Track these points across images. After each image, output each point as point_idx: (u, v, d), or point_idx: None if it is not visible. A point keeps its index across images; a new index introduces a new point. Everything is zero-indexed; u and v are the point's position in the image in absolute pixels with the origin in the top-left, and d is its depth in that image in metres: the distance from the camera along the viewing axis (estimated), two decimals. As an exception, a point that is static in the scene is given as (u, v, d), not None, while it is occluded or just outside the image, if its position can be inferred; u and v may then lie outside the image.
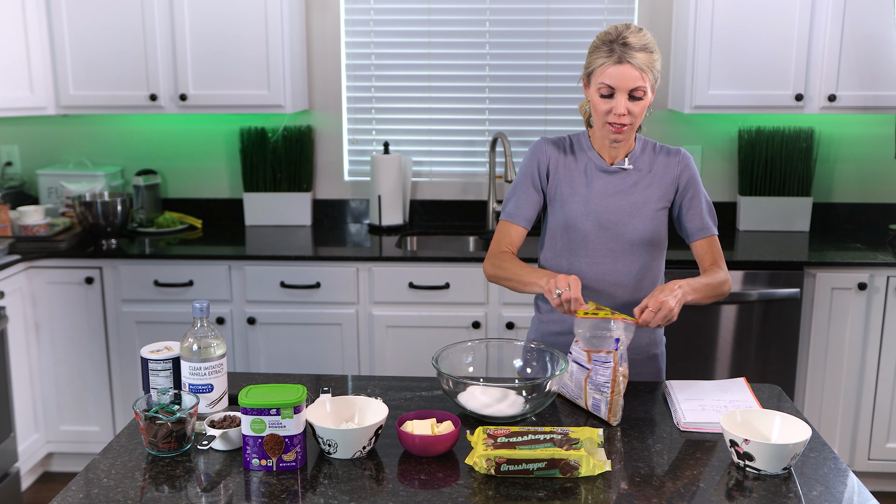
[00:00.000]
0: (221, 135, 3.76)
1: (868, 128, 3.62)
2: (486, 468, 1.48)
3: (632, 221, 2.00)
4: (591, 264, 2.03)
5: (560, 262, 2.06)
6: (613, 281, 2.02)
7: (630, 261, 2.02)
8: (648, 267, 2.05)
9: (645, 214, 2.01)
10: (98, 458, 1.59)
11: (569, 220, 2.03)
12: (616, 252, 2.02)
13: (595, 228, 2.01)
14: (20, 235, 3.27)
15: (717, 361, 3.17)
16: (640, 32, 1.91)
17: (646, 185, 2.03)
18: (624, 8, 3.60)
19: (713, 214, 2.08)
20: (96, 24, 3.35)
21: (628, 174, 2.03)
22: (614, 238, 2.01)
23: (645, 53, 1.89)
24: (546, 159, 2.06)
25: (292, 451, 1.52)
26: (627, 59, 1.88)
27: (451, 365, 1.87)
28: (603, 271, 2.02)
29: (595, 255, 2.02)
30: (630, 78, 1.89)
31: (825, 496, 1.45)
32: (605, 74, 1.90)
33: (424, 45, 3.67)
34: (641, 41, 1.89)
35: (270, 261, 3.19)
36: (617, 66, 1.89)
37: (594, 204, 2.01)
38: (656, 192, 2.03)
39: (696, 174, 2.06)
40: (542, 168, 2.06)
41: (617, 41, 1.89)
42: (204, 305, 1.65)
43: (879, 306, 3.12)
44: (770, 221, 3.58)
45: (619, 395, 1.72)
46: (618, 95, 1.91)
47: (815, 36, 3.24)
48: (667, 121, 3.67)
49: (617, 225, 2.01)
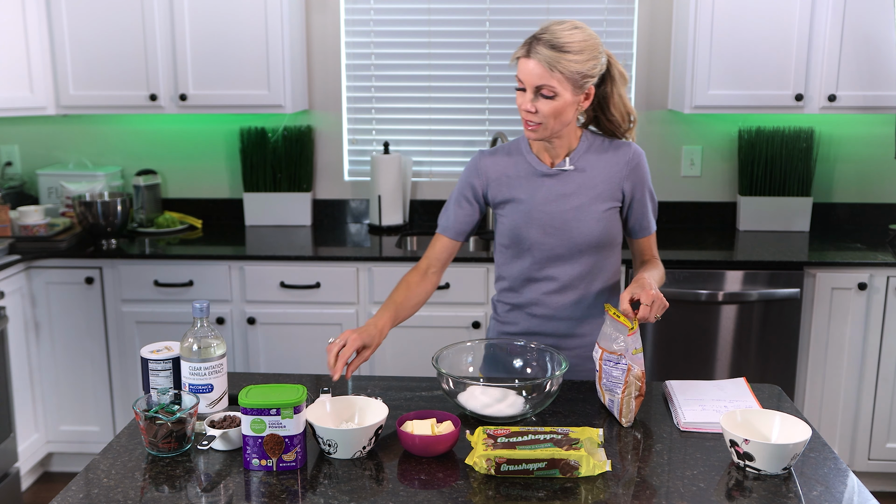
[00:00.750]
0: (221, 135, 3.76)
1: (868, 128, 3.62)
2: (486, 468, 1.48)
3: (577, 226, 1.94)
4: (539, 269, 1.99)
5: (511, 268, 2.03)
6: (564, 283, 1.99)
7: (578, 264, 1.97)
8: (600, 268, 1.99)
9: (591, 217, 1.94)
10: (98, 458, 1.59)
11: (513, 230, 1.98)
12: (563, 257, 1.97)
13: (540, 235, 1.96)
14: (20, 235, 3.27)
15: (717, 361, 3.17)
16: (570, 30, 1.82)
17: (590, 186, 1.95)
18: (624, 8, 3.60)
19: (656, 210, 2.04)
20: (96, 24, 3.35)
21: (571, 176, 1.95)
22: (560, 244, 1.95)
23: (560, 53, 1.79)
24: (483, 175, 2.00)
25: (292, 451, 1.52)
26: (535, 54, 1.81)
27: (451, 365, 1.87)
28: (552, 275, 1.99)
29: (542, 260, 1.98)
30: (534, 74, 1.81)
31: (825, 496, 1.45)
32: (518, 67, 1.85)
33: (424, 45, 3.67)
34: (565, 40, 1.80)
35: (270, 261, 3.19)
36: (525, 60, 1.83)
37: (537, 211, 1.95)
38: (603, 193, 1.95)
39: (645, 172, 1.98)
40: (477, 184, 2.01)
41: (539, 34, 1.83)
42: (204, 305, 1.65)
43: (879, 306, 3.12)
44: (770, 221, 3.58)
45: (630, 396, 1.71)
46: (527, 91, 1.84)
47: (815, 36, 3.24)
48: (667, 121, 3.67)
49: (561, 231, 1.95)
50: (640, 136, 3.68)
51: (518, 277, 2.03)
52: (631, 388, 1.70)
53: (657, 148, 3.69)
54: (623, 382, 1.70)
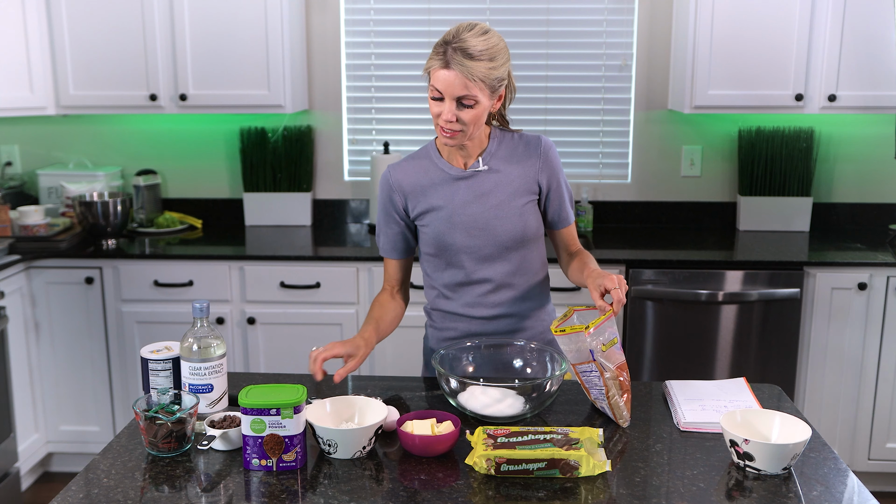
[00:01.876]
0: (221, 135, 3.76)
1: (868, 128, 3.62)
2: (486, 468, 1.48)
3: (499, 224, 1.94)
4: (469, 273, 1.98)
5: (441, 275, 2.02)
6: (498, 283, 1.98)
7: (508, 261, 1.97)
8: (528, 261, 2.00)
9: (511, 213, 1.94)
10: (98, 458, 1.59)
11: (437, 237, 1.96)
12: (492, 256, 1.96)
13: (465, 239, 1.95)
14: (20, 235, 3.27)
15: (717, 361, 3.17)
16: (481, 36, 1.78)
17: (507, 183, 1.94)
18: (624, 8, 3.60)
19: (572, 201, 2.04)
20: (96, 24, 3.35)
21: (486, 175, 1.95)
22: (485, 244, 1.95)
23: (480, 62, 1.76)
24: (398, 188, 1.98)
25: (292, 451, 1.52)
26: (455, 65, 1.76)
27: (451, 365, 1.87)
28: (485, 277, 1.98)
29: (471, 264, 1.98)
30: (457, 86, 1.77)
31: (825, 496, 1.45)
32: (435, 78, 1.79)
33: (424, 45, 3.67)
34: (479, 47, 1.76)
35: (270, 261, 3.19)
36: (445, 71, 1.77)
37: (457, 216, 1.94)
38: (519, 188, 1.95)
39: (558, 163, 1.98)
40: (394, 199, 1.99)
41: (452, 43, 1.77)
42: (204, 305, 1.65)
43: (879, 306, 3.12)
44: (770, 221, 3.58)
45: (616, 397, 1.70)
46: (446, 101, 1.80)
47: (815, 36, 3.24)
48: (667, 121, 3.67)
49: (485, 231, 1.94)
50: (641, 135, 3.68)
51: (450, 283, 2.02)
52: (612, 389, 1.69)
53: (657, 148, 3.69)
54: (604, 387, 1.69)
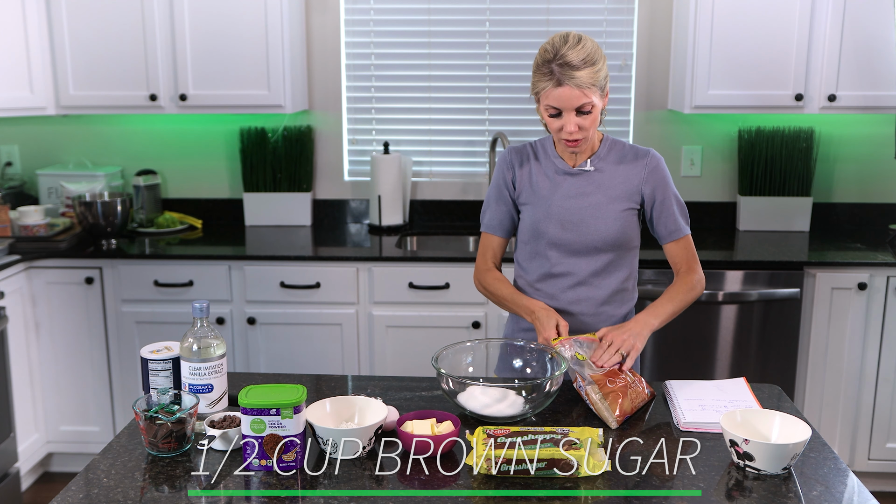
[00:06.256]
0: (221, 135, 3.76)
1: (868, 128, 3.62)
2: (486, 468, 1.48)
3: (594, 223, 2.02)
4: (552, 265, 2.06)
5: (531, 263, 2.10)
6: (579, 279, 2.05)
7: (594, 261, 2.04)
8: (616, 266, 2.06)
9: (608, 215, 2.02)
10: (98, 458, 1.59)
11: (534, 224, 2.06)
12: (580, 253, 2.04)
13: (558, 230, 2.03)
14: (20, 235, 3.27)
15: (717, 361, 3.17)
16: (578, 45, 1.86)
17: (609, 187, 2.03)
18: (624, 8, 3.60)
19: (685, 214, 2.09)
20: (96, 24, 3.35)
21: (591, 176, 2.04)
22: (575, 240, 2.03)
23: (585, 70, 1.85)
24: (511, 169, 2.09)
25: (292, 451, 1.52)
26: (567, 80, 1.84)
27: (451, 365, 1.87)
28: (564, 271, 2.05)
29: (556, 257, 2.05)
30: (573, 98, 1.86)
31: (825, 496, 1.45)
32: (550, 97, 1.88)
33: (424, 45, 3.67)
34: (580, 56, 1.85)
35: (270, 261, 3.19)
36: (559, 90, 1.86)
37: (556, 206, 2.03)
38: (621, 194, 2.03)
39: (666, 176, 2.05)
40: (507, 178, 2.10)
41: (555, 61, 1.85)
42: (204, 305, 1.65)
43: (879, 306, 3.12)
44: (770, 221, 3.58)
45: (598, 402, 1.74)
46: (565, 115, 1.90)
47: (815, 36, 3.24)
48: (667, 121, 3.67)
49: (579, 226, 2.02)
50: (641, 135, 3.68)
51: (537, 276, 2.09)
52: (591, 395, 1.75)
53: (657, 148, 3.68)
54: (586, 394, 1.77)
